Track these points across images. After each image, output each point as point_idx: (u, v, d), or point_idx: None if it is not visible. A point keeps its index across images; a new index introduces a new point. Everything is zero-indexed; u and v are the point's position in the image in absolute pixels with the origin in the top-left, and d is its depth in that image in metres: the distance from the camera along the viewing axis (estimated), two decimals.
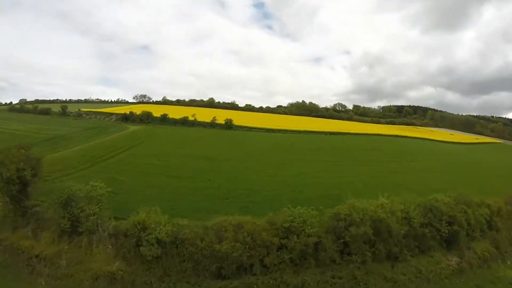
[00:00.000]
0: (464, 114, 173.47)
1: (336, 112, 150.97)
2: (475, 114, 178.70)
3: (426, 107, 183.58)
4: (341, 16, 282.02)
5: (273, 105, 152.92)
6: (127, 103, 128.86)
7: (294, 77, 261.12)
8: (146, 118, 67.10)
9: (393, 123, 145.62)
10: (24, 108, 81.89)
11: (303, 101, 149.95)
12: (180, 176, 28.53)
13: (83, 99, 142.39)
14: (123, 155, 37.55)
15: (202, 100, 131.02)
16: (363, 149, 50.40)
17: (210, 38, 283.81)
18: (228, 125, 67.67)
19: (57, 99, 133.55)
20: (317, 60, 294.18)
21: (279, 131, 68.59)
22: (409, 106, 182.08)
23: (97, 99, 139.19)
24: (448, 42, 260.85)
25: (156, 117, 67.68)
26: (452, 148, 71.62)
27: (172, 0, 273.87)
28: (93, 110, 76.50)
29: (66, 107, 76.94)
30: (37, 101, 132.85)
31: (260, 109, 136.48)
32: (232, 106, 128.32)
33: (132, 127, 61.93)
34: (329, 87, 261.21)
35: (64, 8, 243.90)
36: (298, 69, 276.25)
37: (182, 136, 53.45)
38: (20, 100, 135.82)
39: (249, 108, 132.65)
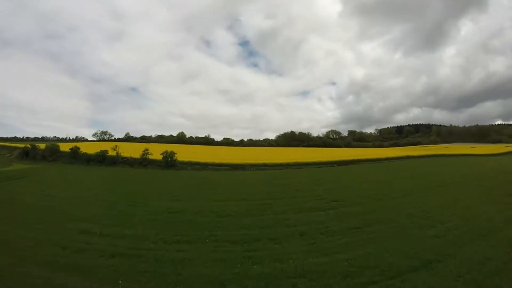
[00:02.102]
0: (479, 124, 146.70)
1: (332, 140, 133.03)
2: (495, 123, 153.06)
3: (429, 124, 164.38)
4: (324, 48, 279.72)
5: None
6: (86, 140, 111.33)
7: (283, 112, 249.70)
8: (50, 154, 48.12)
9: (398, 145, 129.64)
10: None
11: (291, 131, 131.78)
12: None
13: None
14: None
15: (171, 136, 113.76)
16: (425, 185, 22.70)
17: (197, 77, 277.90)
18: (168, 162, 47.53)
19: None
20: (304, 93, 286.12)
21: (252, 166, 46.17)
22: (410, 125, 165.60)
23: (54, 137, 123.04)
24: (431, 61, 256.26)
25: (64, 152, 48.71)
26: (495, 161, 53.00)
27: (158, 40, 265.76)
28: None
29: None
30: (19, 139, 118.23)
31: (241, 143, 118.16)
32: (206, 141, 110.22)
33: (18, 166, 42.67)
34: (318, 119, 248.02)
35: (54, 49, 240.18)
36: (286, 104, 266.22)
37: (66, 179, 32.80)
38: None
39: (227, 142, 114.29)
